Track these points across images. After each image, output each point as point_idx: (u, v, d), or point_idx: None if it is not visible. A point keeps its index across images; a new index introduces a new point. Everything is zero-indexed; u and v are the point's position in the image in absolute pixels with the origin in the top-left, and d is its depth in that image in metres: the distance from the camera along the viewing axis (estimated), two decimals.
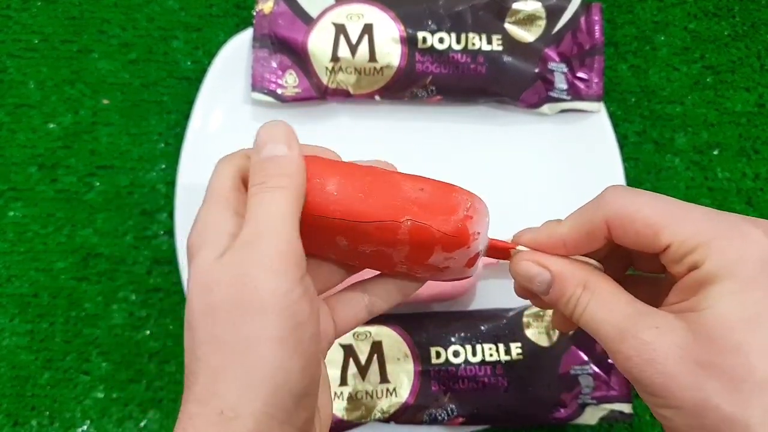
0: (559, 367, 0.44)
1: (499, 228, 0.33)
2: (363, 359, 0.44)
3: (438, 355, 0.44)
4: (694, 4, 0.53)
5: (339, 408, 0.43)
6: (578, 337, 0.45)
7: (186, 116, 0.49)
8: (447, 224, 0.26)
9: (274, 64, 0.47)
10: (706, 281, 0.23)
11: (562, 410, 0.44)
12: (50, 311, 0.47)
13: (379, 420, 0.43)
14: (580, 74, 0.49)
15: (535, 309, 0.45)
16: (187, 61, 0.50)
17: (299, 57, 0.47)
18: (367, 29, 0.46)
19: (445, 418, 0.43)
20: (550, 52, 0.48)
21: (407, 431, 0.45)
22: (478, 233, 0.27)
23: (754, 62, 0.52)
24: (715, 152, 0.51)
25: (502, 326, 0.45)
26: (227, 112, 0.48)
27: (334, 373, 0.43)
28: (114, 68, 0.50)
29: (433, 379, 0.44)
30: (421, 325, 0.45)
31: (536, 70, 0.48)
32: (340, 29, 0.46)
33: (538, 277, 0.28)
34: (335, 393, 0.43)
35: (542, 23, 0.48)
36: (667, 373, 0.23)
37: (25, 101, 0.49)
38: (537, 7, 0.48)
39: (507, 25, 0.48)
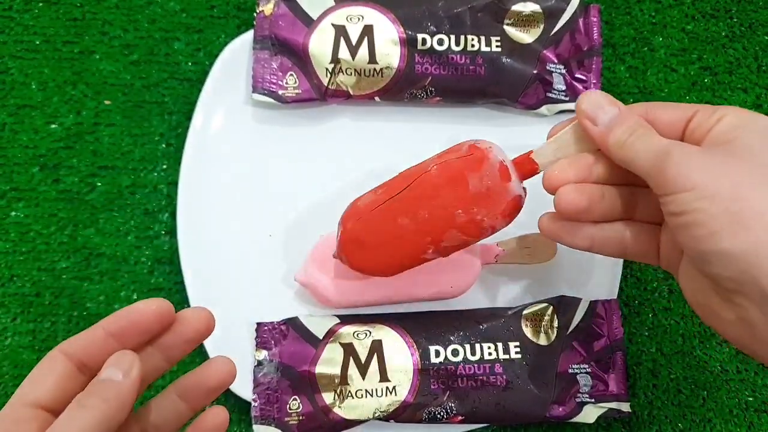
0: (557, 365, 0.45)
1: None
2: (363, 358, 0.44)
3: (437, 353, 0.44)
4: (692, 6, 0.53)
5: (339, 407, 0.43)
6: (577, 336, 0.45)
7: (187, 117, 0.49)
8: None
9: (275, 66, 0.48)
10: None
11: (560, 408, 0.44)
12: (52, 311, 0.47)
13: (379, 418, 0.44)
14: (579, 75, 0.49)
15: (534, 308, 0.46)
16: (189, 62, 0.51)
17: (300, 58, 0.47)
18: (367, 31, 0.47)
19: (444, 416, 0.44)
20: (549, 54, 0.48)
21: (407, 430, 0.45)
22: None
23: (751, 63, 0.52)
24: None
25: (501, 325, 0.45)
26: (228, 112, 0.49)
27: (334, 371, 0.44)
28: (116, 69, 0.50)
29: (433, 378, 0.44)
30: (421, 324, 0.45)
31: (535, 72, 0.48)
32: (340, 31, 0.47)
33: (607, 107, 0.33)
34: (335, 392, 0.43)
35: (541, 25, 0.48)
36: (700, 166, 0.29)
37: (27, 102, 0.50)
38: (535, 9, 0.48)
39: (506, 27, 0.48)
